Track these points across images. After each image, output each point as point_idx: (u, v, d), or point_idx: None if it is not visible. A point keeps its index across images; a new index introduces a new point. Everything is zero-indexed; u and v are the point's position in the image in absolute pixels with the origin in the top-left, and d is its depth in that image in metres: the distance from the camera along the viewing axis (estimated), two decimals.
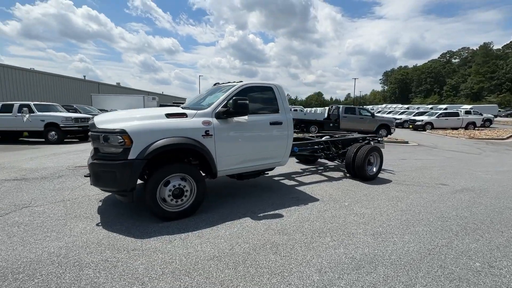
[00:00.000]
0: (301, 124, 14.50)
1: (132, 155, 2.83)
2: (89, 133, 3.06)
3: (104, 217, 3.21)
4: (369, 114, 14.31)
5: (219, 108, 3.45)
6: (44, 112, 10.75)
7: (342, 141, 5.70)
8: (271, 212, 3.46)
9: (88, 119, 11.88)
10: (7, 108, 10.62)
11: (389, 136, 13.80)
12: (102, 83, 30.74)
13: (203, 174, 3.53)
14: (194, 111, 3.39)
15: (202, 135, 3.25)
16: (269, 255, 2.43)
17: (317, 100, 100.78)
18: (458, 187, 4.90)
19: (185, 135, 3.13)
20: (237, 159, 3.66)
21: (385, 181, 5.19)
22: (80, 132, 11.48)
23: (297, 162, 6.90)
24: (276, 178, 5.29)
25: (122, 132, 2.82)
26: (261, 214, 3.39)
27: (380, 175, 5.60)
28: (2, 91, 18.32)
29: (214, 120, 3.40)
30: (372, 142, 6.20)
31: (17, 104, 10.62)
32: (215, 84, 4.71)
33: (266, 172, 4.20)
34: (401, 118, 23.51)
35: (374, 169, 5.37)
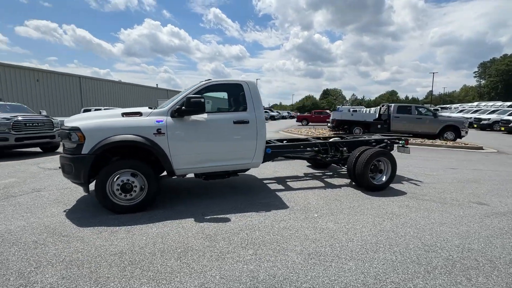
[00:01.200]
0: (343, 125, 13.24)
1: (84, 150, 3.12)
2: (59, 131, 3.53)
3: (77, 205, 3.62)
4: (430, 113, 11.98)
5: (175, 107, 3.47)
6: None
7: (346, 143, 4.93)
8: (222, 216, 3.26)
9: None
10: None
11: (458, 140, 11.28)
12: (171, 90, 35.02)
13: (165, 173, 3.61)
14: (150, 110, 3.50)
15: (154, 133, 3.32)
16: (170, 260, 2.29)
17: (388, 99, 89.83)
18: (502, 208, 3.60)
19: (135, 133, 3.26)
20: (197, 158, 3.59)
21: (396, 193, 4.24)
22: None
23: (307, 165, 6.33)
24: (266, 181, 4.97)
25: (76, 130, 3.14)
26: (208, 217, 3.23)
27: (399, 186, 4.65)
28: (95, 99, 22.94)
29: (168, 119, 3.43)
30: (394, 146, 5.18)
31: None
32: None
33: (237, 174, 4.00)
34: (489, 118, 18.88)
35: (384, 178, 4.45)
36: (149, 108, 3.83)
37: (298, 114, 35.79)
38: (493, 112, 20.47)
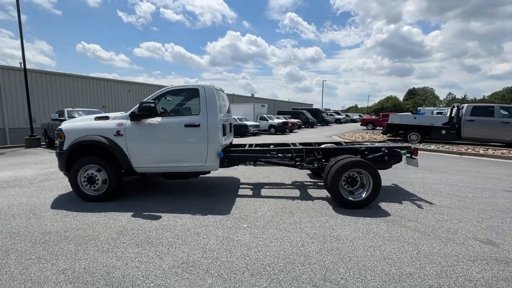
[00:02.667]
0: (397, 130, 11.29)
1: (64, 147, 3.86)
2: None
3: (71, 193, 4.46)
4: None
5: (132, 111, 3.85)
6: None
7: (323, 150, 4.28)
8: (158, 214, 3.42)
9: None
10: None
11: None
12: (236, 95, 37.43)
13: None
14: (115, 114, 4.01)
15: (114, 135, 3.80)
16: (70, 245, 2.61)
17: (503, 98, 69.24)
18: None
19: (100, 134, 3.81)
20: (153, 158, 3.88)
21: (377, 213, 3.46)
22: None
23: (308, 173, 5.80)
24: (242, 186, 4.86)
25: (60, 130, 3.91)
26: (146, 213, 3.46)
27: (393, 205, 3.79)
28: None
29: (128, 122, 3.84)
30: (403, 156, 4.22)
31: None
32: None
33: (197, 176, 4.09)
34: None
35: (364, 194, 3.68)
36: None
37: (363, 117, 32.16)
38: None
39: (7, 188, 4.72)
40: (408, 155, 4.24)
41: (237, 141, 6.25)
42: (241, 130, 19.24)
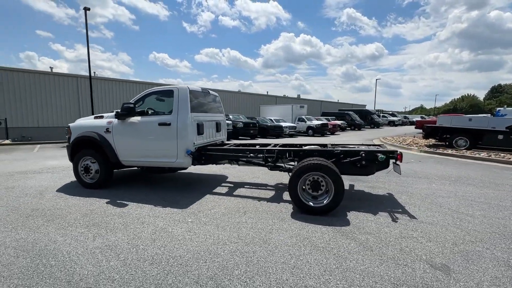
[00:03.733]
0: (441, 134, 9.70)
1: (71, 141, 4.62)
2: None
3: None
4: None
5: (118, 111, 4.35)
6: None
7: (294, 152, 4.02)
8: (129, 203, 3.82)
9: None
10: None
11: None
12: (280, 96, 37.39)
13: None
14: (108, 114, 4.58)
15: (104, 131, 4.38)
16: (40, 219, 3.17)
17: None
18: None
19: (94, 130, 4.44)
20: (134, 153, 4.33)
21: (336, 222, 3.16)
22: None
23: None
24: (224, 183, 4.97)
25: (68, 127, 4.69)
26: (120, 201, 3.89)
27: (368, 217, 3.43)
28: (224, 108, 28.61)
29: (115, 120, 4.37)
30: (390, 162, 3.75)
31: None
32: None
33: (174, 171, 4.38)
34: None
35: (326, 201, 3.39)
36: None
37: (418, 119, 28.09)
38: None
39: (43, 173, 5.86)
40: (393, 160, 3.73)
41: (268, 142, 6.36)
42: (275, 131, 19.19)
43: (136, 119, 4.29)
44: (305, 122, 22.38)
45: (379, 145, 4.60)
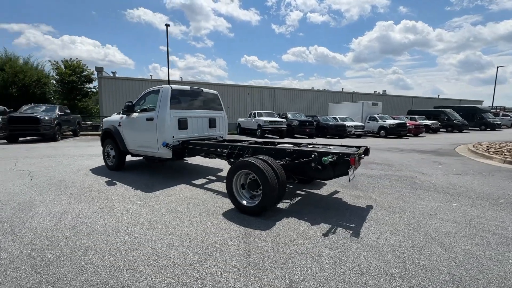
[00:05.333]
0: None
1: (101, 132, 5.95)
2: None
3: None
4: None
5: (123, 108, 5.29)
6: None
7: (254, 149, 3.80)
8: (122, 184, 4.67)
9: (279, 122, 16.03)
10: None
11: None
12: (356, 93, 33.96)
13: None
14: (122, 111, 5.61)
15: (118, 125, 5.44)
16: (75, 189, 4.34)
17: None
18: None
19: (112, 124, 5.58)
20: (134, 143, 5.20)
21: (257, 223, 2.99)
22: (273, 132, 16.03)
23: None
24: (209, 176, 5.23)
25: (102, 121, 6.04)
26: (118, 182, 4.79)
27: (302, 224, 3.15)
28: (284, 106, 28.80)
29: (124, 116, 5.35)
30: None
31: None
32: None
33: (162, 161, 5.00)
34: None
35: (257, 202, 3.20)
36: None
37: None
38: None
39: (92, 156, 7.66)
40: (354, 164, 3.11)
41: (309, 141, 6.52)
42: (337, 131, 17.85)
43: (135, 115, 5.16)
44: (377, 121, 19.76)
45: (359, 147, 3.87)
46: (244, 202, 3.33)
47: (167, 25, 16.81)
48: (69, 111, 14.22)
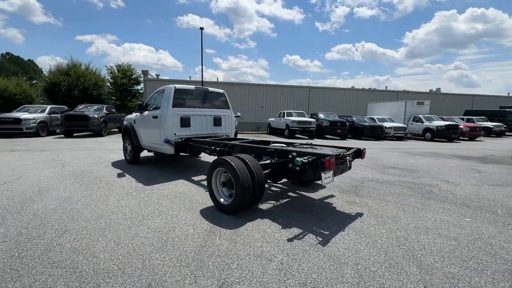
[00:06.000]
0: None
1: (122, 128, 6.53)
2: None
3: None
4: None
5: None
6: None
7: (242, 147, 3.72)
8: (127, 174, 5.08)
9: (308, 122, 15.56)
10: None
11: None
12: (401, 92, 30.94)
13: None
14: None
15: (133, 122, 5.90)
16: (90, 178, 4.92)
17: None
18: None
19: (129, 121, 6.07)
20: (146, 140, 5.58)
21: (224, 220, 2.97)
22: (301, 132, 15.65)
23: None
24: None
25: (123, 117, 6.63)
26: (124, 173, 5.22)
27: (271, 228, 3.08)
28: (318, 106, 27.85)
29: (138, 114, 5.78)
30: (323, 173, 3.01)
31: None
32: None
33: (167, 156, 5.29)
34: None
35: (230, 200, 3.17)
36: None
37: None
38: None
39: (121, 151, 8.39)
40: (329, 166, 2.87)
41: (319, 142, 6.51)
42: (374, 133, 16.63)
43: (146, 113, 5.54)
44: (422, 122, 17.82)
45: (348, 149, 3.54)
46: (222, 200, 3.33)
47: (201, 28, 17.68)
48: (114, 110, 15.96)
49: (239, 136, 15.98)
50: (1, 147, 9.11)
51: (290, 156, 3.13)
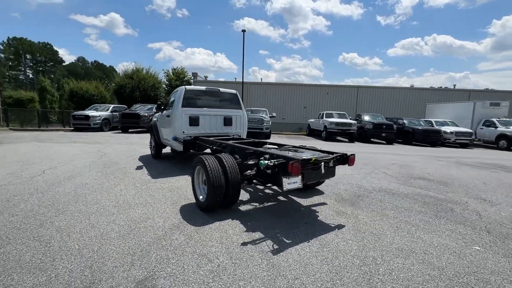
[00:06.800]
0: None
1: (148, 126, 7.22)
2: None
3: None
4: None
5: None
6: None
7: (232, 146, 3.70)
8: (143, 169, 5.62)
9: (347, 124, 14.57)
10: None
11: None
12: (474, 90, 26.13)
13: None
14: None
15: (156, 120, 6.48)
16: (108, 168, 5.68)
17: None
18: None
19: (154, 119, 6.68)
20: (163, 136, 6.07)
21: (202, 217, 3.07)
22: (340, 134, 14.71)
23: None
24: None
25: (151, 115, 7.32)
26: (143, 167, 5.78)
27: (230, 226, 3.08)
28: (368, 106, 25.72)
29: (159, 113, 6.31)
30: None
31: None
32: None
33: (177, 152, 5.65)
34: None
35: (201, 197, 3.24)
36: None
37: None
38: None
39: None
40: (292, 171, 2.68)
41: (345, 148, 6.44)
42: (429, 138, 14.67)
43: (164, 112, 6.02)
44: (496, 127, 14.92)
45: (331, 153, 3.22)
46: (200, 197, 3.43)
47: (243, 30, 18.17)
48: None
49: (272, 136, 15.93)
50: (69, 138, 11.06)
51: (262, 158, 3.03)
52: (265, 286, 1.93)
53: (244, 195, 4.03)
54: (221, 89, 5.95)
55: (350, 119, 16.18)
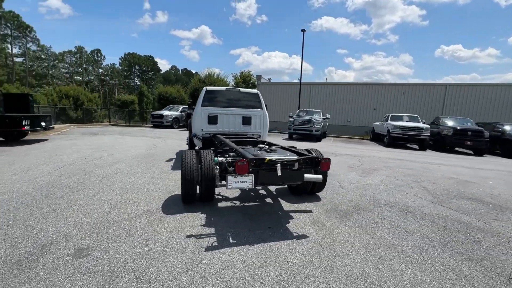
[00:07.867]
0: None
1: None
2: None
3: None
4: None
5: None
6: None
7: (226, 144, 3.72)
8: (170, 161, 6.30)
9: (417, 128, 12.42)
10: None
11: None
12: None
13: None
14: None
15: (192, 115, 7.13)
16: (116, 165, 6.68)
17: None
18: None
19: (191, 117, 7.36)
20: (196, 129, 6.63)
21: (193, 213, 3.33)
22: (407, 140, 12.67)
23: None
24: None
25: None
26: (171, 159, 6.48)
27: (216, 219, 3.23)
28: (457, 107, 21.06)
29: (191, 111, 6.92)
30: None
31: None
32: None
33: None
34: None
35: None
36: None
37: None
38: None
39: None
40: (238, 171, 2.57)
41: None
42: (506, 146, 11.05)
43: (194, 110, 6.57)
44: None
45: (310, 153, 2.89)
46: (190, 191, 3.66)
47: (303, 30, 17.76)
48: None
49: (326, 140, 14.90)
50: (143, 133, 13.30)
51: (224, 156, 3.03)
52: (170, 278, 1.98)
53: (234, 193, 4.06)
54: (242, 89, 6.09)
55: (424, 123, 13.65)
